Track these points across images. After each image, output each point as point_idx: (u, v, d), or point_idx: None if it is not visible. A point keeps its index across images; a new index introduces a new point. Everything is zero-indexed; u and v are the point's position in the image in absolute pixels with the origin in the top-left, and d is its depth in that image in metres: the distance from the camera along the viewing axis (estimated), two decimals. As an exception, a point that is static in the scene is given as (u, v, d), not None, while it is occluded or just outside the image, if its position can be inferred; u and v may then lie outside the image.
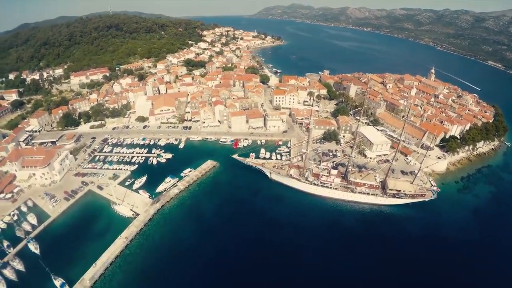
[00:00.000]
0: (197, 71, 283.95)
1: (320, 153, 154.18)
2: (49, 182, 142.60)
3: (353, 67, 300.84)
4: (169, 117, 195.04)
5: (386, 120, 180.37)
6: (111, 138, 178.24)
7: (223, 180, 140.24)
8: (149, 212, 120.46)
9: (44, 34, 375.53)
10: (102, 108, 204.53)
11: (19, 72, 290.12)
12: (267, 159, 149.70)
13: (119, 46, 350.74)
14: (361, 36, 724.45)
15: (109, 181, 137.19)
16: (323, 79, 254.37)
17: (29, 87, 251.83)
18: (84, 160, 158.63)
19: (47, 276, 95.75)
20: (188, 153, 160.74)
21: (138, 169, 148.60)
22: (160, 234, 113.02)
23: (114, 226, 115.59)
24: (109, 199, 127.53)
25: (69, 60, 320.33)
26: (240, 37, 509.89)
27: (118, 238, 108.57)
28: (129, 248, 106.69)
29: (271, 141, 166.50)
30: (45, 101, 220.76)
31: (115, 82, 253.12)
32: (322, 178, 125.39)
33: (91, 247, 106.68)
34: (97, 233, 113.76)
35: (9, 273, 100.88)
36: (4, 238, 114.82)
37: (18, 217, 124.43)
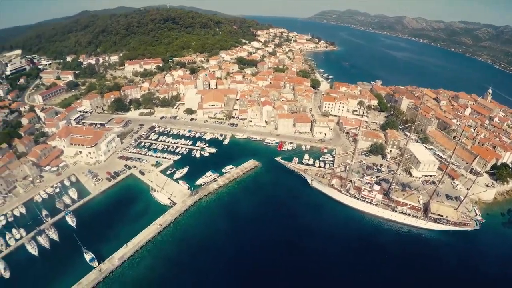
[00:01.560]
0: (249, 69, 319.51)
1: (364, 166, 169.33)
2: (93, 161, 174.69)
3: (407, 79, 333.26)
4: (217, 112, 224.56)
5: (437, 138, 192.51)
6: (158, 126, 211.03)
7: (263, 181, 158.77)
8: (186, 203, 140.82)
9: (103, 22, 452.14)
10: (152, 97, 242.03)
11: (77, 56, 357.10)
12: (310, 165, 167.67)
13: (174, 39, 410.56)
14: (417, 47, 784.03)
15: (151, 168, 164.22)
16: (375, 89, 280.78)
17: (84, 70, 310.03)
18: (130, 144, 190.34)
19: (79, 249, 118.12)
20: (231, 150, 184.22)
21: (181, 160, 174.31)
22: (193, 226, 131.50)
23: (150, 211, 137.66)
24: (149, 185, 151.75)
25: (125, 48, 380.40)
26: (294, 39, 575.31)
27: (152, 223, 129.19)
28: (161, 235, 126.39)
29: (316, 148, 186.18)
30: (98, 85, 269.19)
31: (167, 73, 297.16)
32: (364, 193, 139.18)
33: (125, 228, 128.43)
34: (133, 216, 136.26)
35: (43, 241, 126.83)
36: (44, 207, 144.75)
37: (60, 190, 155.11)
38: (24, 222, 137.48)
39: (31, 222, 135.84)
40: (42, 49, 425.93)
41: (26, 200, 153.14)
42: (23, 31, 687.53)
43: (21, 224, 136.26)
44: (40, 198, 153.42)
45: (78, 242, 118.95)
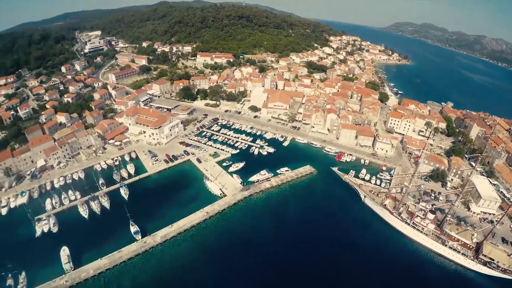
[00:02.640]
0: (317, 75, 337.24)
1: (421, 191, 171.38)
2: (155, 142, 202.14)
3: (480, 104, 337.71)
4: (281, 113, 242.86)
5: (503, 174, 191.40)
6: (222, 119, 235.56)
7: (316, 189, 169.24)
8: (236, 197, 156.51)
9: (180, 14, 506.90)
10: (220, 89, 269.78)
11: (152, 43, 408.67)
12: (366, 181, 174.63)
13: (246, 36, 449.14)
14: (494, 71, 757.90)
15: (209, 157, 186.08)
16: (445, 111, 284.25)
17: (158, 57, 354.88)
18: (192, 132, 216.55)
19: (126, 221, 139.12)
20: (290, 153, 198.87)
21: (239, 154, 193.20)
22: (239, 220, 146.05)
23: (200, 198, 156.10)
24: (204, 173, 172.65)
25: (199, 40, 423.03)
26: (367, 49, 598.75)
27: (200, 210, 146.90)
28: (206, 223, 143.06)
29: (374, 164, 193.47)
30: (169, 72, 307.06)
31: (237, 68, 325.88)
32: (416, 219, 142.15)
33: (173, 209, 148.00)
34: (182, 199, 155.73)
35: (95, 206, 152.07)
36: (102, 177, 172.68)
37: (119, 163, 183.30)
38: (80, 186, 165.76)
39: (87, 188, 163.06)
40: (120, 33, 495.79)
41: (86, 167, 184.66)
42: (104, 14, 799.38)
43: (77, 188, 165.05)
44: (99, 168, 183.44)
45: (127, 214, 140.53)
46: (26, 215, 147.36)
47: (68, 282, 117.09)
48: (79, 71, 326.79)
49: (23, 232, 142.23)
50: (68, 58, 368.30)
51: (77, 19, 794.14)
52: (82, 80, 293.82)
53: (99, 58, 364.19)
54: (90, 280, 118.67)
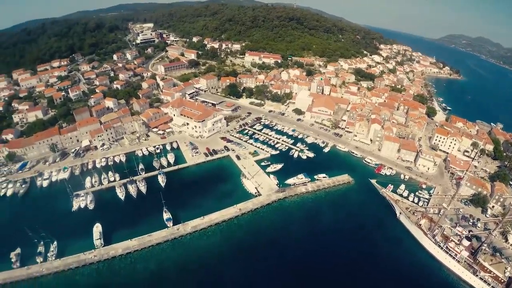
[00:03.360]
0: (365, 83, 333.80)
1: (460, 215, 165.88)
2: (197, 135, 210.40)
3: None
4: (324, 118, 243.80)
5: None
6: (265, 119, 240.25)
7: (352, 199, 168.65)
8: (271, 198, 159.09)
9: (231, 12, 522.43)
10: (265, 89, 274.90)
11: (202, 38, 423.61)
12: (403, 197, 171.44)
13: (296, 38, 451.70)
14: None
15: (248, 155, 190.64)
16: (494, 132, 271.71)
17: (207, 52, 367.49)
18: (234, 129, 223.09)
19: (160, 207, 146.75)
20: (329, 159, 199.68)
21: (278, 156, 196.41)
22: (270, 220, 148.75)
23: (234, 195, 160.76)
24: (241, 170, 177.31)
25: (248, 39, 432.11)
26: (417, 60, 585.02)
27: (233, 206, 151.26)
28: (238, 219, 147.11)
29: (414, 180, 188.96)
30: (217, 68, 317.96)
31: (284, 70, 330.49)
32: (450, 244, 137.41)
33: (207, 202, 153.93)
34: (217, 193, 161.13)
35: (132, 189, 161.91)
36: (142, 162, 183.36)
37: (161, 151, 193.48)
38: (120, 169, 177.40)
39: (127, 171, 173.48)
40: (172, 27, 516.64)
41: (128, 151, 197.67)
42: (157, 8, 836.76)
43: (117, 170, 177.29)
44: (140, 153, 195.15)
45: (162, 200, 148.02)
46: (65, 189, 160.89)
47: (96, 257, 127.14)
48: (130, 60, 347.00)
49: (60, 205, 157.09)
50: (120, 47, 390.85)
51: (131, 11, 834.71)
52: (132, 69, 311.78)
53: (150, 50, 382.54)
54: (117, 258, 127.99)
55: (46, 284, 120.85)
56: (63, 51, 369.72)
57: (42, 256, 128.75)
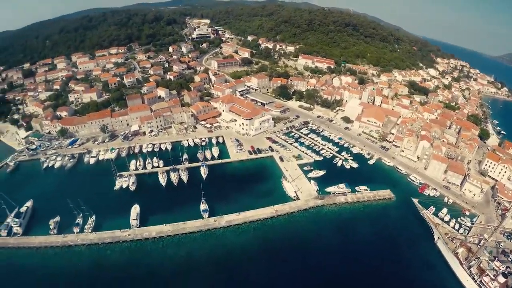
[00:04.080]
0: (418, 97, 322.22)
1: (500, 249, 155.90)
2: (243, 132, 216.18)
3: None
4: (373, 130, 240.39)
5: None
6: (312, 123, 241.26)
7: (390, 216, 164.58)
8: (308, 203, 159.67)
9: (287, 13, 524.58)
10: (316, 94, 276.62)
11: (257, 37, 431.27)
12: (444, 221, 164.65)
13: (351, 45, 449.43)
14: None
15: (292, 158, 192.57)
16: None
17: (261, 52, 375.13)
18: (281, 130, 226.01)
19: (198, 198, 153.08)
20: (373, 172, 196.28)
21: (321, 162, 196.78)
22: (305, 226, 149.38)
23: (273, 195, 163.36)
24: (283, 172, 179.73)
25: (302, 42, 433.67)
26: (474, 77, 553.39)
27: (270, 207, 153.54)
28: (273, 220, 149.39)
29: (458, 206, 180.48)
30: (270, 68, 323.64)
31: (336, 76, 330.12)
32: (485, 278, 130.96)
33: (244, 199, 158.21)
34: (256, 192, 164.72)
35: (174, 177, 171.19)
36: (186, 152, 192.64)
37: (206, 144, 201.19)
38: (165, 157, 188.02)
39: (171, 159, 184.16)
40: (228, 24, 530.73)
41: (174, 140, 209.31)
42: (214, 5, 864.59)
43: (162, 157, 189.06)
44: (186, 144, 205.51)
45: (201, 191, 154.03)
46: (110, 169, 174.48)
47: (130, 236, 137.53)
48: (184, 53, 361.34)
49: (103, 183, 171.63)
50: (176, 40, 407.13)
51: (189, 6, 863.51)
52: (186, 62, 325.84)
53: (205, 45, 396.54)
54: (150, 240, 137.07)
55: (78, 253, 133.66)
56: (122, 39, 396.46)
57: (79, 227, 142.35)
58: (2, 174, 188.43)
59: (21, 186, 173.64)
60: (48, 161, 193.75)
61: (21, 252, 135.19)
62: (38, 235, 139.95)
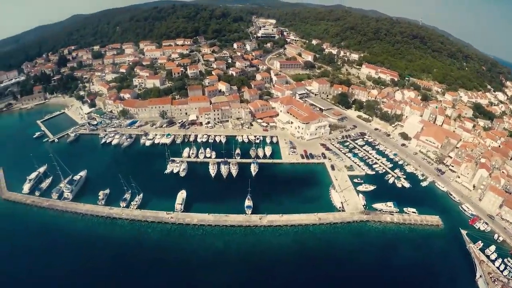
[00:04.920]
0: (482, 121, 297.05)
1: None
2: (298, 135, 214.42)
3: None
4: (430, 150, 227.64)
5: None
6: (369, 135, 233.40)
7: (435, 244, 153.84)
8: (353, 217, 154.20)
9: (354, 20, 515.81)
10: (376, 106, 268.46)
11: (321, 42, 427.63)
12: (490, 260, 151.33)
13: (417, 58, 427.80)
14: None
15: (343, 168, 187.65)
16: None
17: (324, 56, 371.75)
18: (336, 138, 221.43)
19: (244, 193, 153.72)
20: (424, 195, 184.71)
21: (373, 176, 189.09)
22: (345, 239, 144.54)
23: (318, 203, 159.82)
24: (332, 181, 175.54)
25: (367, 50, 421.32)
26: None
27: (314, 214, 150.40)
28: (314, 228, 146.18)
29: (508, 245, 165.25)
30: (332, 74, 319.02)
31: (399, 89, 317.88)
32: None
33: (289, 202, 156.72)
34: (302, 196, 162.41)
35: (224, 170, 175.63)
36: (240, 148, 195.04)
37: (260, 142, 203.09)
38: (218, 149, 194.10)
39: (223, 152, 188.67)
40: (293, 26, 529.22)
41: (229, 134, 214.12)
42: (281, 5, 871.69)
43: (215, 149, 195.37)
44: (240, 139, 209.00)
45: (248, 188, 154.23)
46: (164, 153, 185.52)
47: (173, 219, 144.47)
48: (248, 51, 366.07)
49: (155, 165, 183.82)
50: (241, 38, 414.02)
51: (256, 5, 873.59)
52: (249, 59, 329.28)
53: (269, 44, 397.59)
54: (190, 226, 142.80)
55: (121, 226, 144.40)
56: (188, 32, 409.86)
57: (125, 203, 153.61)
58: (63, 143, 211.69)
59: (78, 157, 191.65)
60: (106, 138, 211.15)
61: (67, 216, 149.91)
62: (86, 203, 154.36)
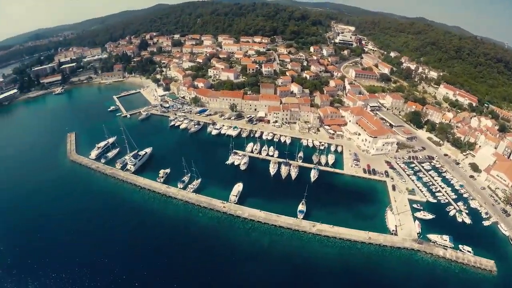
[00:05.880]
0: None
1: None
2: (364, 148, 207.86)
3: None
4: (499, 187, 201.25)
5: None
6: (437, 160, 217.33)
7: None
8: (404, 244, 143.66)
9: (435, 35, 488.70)
10: (449, 130, 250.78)
11: (400, 55, 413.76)
12: None
13: (499, 84, 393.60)
14: None
15: (404, 190, 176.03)
16: None
17: (401, 71, 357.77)
18: (402, 158, 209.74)
19: (300, 197, 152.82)
20: (484, 235, 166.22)
21: (433, 205, 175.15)
22: (391, 264, 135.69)
23: (371, 221, 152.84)
24: (390, 202, 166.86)
25: (447, 70, 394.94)
26: None
27: (365, 231, 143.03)
28: (362, 245, 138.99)
29: None
30: (407, 90, 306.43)
31: (476, 116, 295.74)
32: None
33: (343, 214, 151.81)
34: (356, 212, 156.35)
35: (283, 170, 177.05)
36: (302, 151, 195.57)
37: (324, 149, 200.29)
38: (281, 149, 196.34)
39: (286, 153, 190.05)
40: (372, 35, 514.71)
41: (295, 136, 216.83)
42: (361, 13, 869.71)
43: (278, 148, 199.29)
44: (305, 143, 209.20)
45: (305, 192, 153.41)
46: (228, 144, 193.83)
47: (225, 208, 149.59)
48: (324, 56, 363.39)
49: (218, 154, 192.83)
50: (318, 41, 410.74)
51: (336, 10, 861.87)
52: (324, 64, 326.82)
53: (346, 52, 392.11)
54: (240, 219, 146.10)
55: (174, 206, 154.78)
56: (266, 30, 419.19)
57: (183, 184, 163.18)
58: (134, 120, 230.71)
59: (146, 134, 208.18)
60: (176, 121, 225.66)
61: (126, 186, 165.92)
62: (145, 178, 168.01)
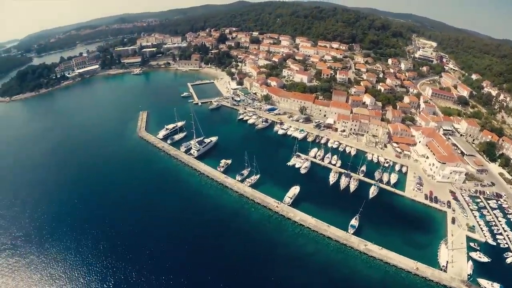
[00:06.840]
0: None
1: None
2: (430, 173, 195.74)
3: None
4: None
5: None
6: (505, 200, 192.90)
7: None
8: (451, 283, 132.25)
9: None
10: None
11: (481, 78, 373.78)
12: None
13: None
14: None
15: (465, 226, 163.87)
16: None
17: (481, 96, 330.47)
18: (468, 190, 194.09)
19: (354, 211, 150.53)
20: None
21: (492, 248, 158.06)
22: None
23: (422, 251, 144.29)
24: (447, 235, 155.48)
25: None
26: None
27: (413, 261, 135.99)
28: (407, 275, 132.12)
29: None
30: (484, 118, 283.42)
31: None
32: None
33: (394, 238, 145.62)
34: (409, 238, 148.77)
35: (343, 181, 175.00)
36: (366, 165, 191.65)
37: (388, 167, 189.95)
38: (345, 159, 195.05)
39: (349, 164, 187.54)
40: (454, 54, 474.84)
41: (360, 149, 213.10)
42: (444, 28, 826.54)
43: (342, 158, 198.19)
44: (370, 157, 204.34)
45: (360, 208, 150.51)
46: (292, 145, 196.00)
47: (278, 208, 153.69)
48: (402, 70, 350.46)
49: (281, 154, 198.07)
50: (397, 54, 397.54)
51: (418, 23, 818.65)
52: (401, 79, 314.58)
53: (425, 68, 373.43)
54: (291, 221, 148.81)
55: (229, 196, 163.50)
56: (345, 37, 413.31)
57: (241, 177, 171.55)
58: (205, 108, 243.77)
59: (214, 123, 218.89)
60: (244, 115, 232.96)
61: (186, 169, 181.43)
62: (206, 165, 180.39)
